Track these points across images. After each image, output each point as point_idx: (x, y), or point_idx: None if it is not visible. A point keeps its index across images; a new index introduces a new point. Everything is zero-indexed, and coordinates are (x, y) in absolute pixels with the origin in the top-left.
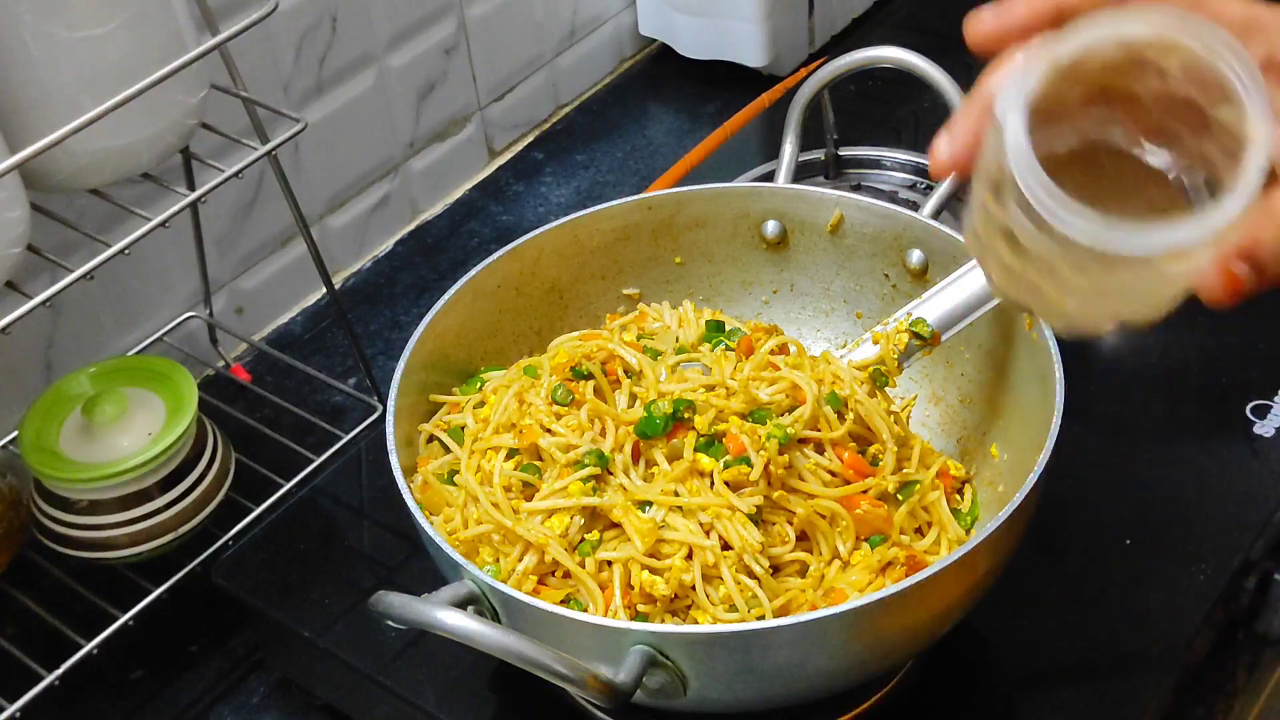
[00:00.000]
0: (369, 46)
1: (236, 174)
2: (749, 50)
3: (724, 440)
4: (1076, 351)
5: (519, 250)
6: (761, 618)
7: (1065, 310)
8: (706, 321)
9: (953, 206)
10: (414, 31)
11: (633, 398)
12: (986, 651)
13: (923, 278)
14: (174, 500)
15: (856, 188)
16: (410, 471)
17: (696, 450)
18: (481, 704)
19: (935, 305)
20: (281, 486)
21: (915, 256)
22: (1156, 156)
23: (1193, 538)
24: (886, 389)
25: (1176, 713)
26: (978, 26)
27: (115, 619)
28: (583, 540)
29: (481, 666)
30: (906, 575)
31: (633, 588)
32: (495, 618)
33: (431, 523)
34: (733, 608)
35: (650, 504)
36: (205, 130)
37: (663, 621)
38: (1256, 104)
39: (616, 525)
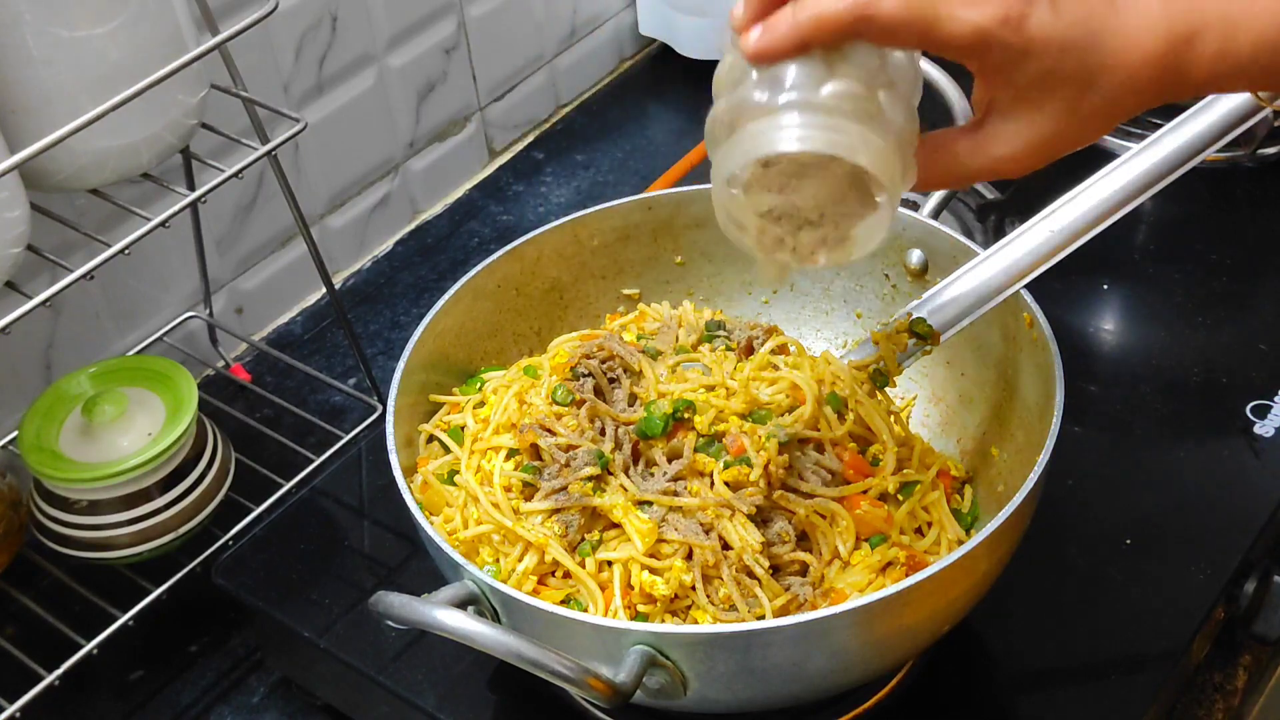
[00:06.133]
0: (369, 46)
1: (236, 174)
2: None
3: (724, 440)
4: (1076, 351)
5: (519, 250)
6: (761, 618)
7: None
8: (706, 321)
9: (953, 206)
10: (414, 31)
11: (633, 398)
12: (986, 651)
13: (923, 278)
14: (174, 500)
15: None
16: (410, 471)
17: (696, 450)
18: (481, 704)
19: (935, 305)
20: (281, 486)
21: (915, 256)
22: None
23: (1192, 538)
24: (886, 389)
25: (1176, 713)
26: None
27: (115, 619)
28: (583, 540)
29: (481, 666)
30: (906, 575)
31: (633, 588)
32: (495, 618)
33: (431, 523)
34: (733, 608)
35: (650, 504)
36: (205, 130)
37: (663, 621)
38: None
39: (616, 525)
